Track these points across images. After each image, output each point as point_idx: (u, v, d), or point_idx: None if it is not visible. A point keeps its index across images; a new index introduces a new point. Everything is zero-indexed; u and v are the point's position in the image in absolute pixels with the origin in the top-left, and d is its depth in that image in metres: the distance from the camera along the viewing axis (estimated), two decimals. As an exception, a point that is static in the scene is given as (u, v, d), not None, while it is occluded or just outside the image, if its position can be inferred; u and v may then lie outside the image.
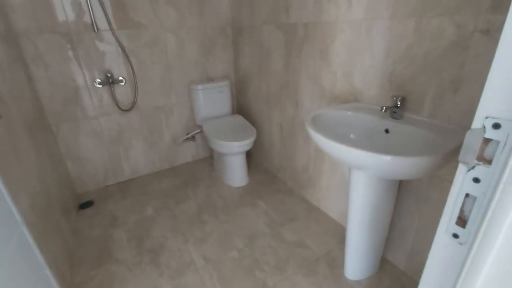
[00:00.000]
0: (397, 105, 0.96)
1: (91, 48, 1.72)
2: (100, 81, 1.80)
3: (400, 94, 1.01)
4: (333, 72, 1.34)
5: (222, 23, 2.12)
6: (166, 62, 2.00)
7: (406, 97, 0.97)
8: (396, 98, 0.95)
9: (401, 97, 0.95)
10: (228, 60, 2.26)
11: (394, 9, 1.00)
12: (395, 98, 0.95)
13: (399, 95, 0.97)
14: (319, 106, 1.48)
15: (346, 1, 1.18)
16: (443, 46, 0.89)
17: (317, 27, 1.36)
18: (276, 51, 1.71)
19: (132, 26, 1.80)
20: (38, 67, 1.61)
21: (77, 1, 1.60)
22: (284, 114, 1.80)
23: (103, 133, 1.92)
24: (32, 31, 1.54)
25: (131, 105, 1.95)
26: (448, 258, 0.45)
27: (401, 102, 0.95)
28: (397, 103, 0.95)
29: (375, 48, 1.11)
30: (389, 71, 1.07)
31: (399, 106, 0.96)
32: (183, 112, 2.19)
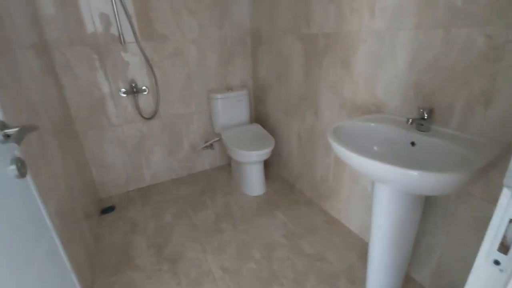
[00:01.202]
0: (424, 117, 0.92)
1: (117, 59, 1.80)
2: (124, 90, 1.88)
3: (426, 106, 0.98)
4: (355, 82, 1.32)
5: (241, 33, 2.15)
6: (187, 72, 2.05)
7: (433, 109, 0.93)
8: (423, 110, 0.91)
9: (428, 109, 0.91)
10: (247, 69, 2.28)
11: (419, 20, 0.98)
12: (422, 110, 0.92)
13: (426, 106, 0.93)
14: (339, 116, 1.46)
15: (369, 12, 1.17)
16: (472, 57, 0.85)
17: (339, 37, 1.35)
18: (296, 61, 1.71)
19: (157, 38, 1.87)
20: (67, 76, 1.70)
21: (106, 14, 1.69)
22: (303, 123, 1.79)
23: (126, 140, 1.99)
24: (63, 42, 1.63)
25: (153, 114, 2.01)
26: (488, 286, 0.42)
27: (428, 114, 0.92)
28: (423, 115, 0.92)
29: (399, 58, 1.08)
30: (413, 82, 1.04)
31: (426, 118, 0.92)
32: (202, 121, 2.23)
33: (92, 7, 1.64)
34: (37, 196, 0.73)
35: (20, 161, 0.60)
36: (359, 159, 0.80)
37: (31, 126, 0.58)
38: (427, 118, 0.92)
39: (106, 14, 1.69)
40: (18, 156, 0.60)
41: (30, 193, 0.70)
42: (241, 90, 2.14)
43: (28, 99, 1.08)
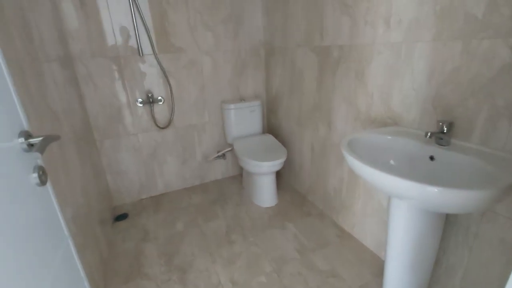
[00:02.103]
0: (443, 131, 0.89)
1: (135, 70, 1.87)
2: (141, 100, 1.93)
3: (446, 119, 0.95)
4: (369, 94, 1.30)
5: (255, 45, 2.19)
6: (201, 82, 2.09)
7: (453, 123, 0.90)
8: (443, 123, 0.89)
9: (448, 123, 0.89)
10: (260, 80, 2.31)
11: (437, 32, 0.96)
12: (441, 124, 0.89)
13: (445, 120, 0.90)
14: (353, 128, 1.44)
15: (384, 24, 1.16)
16: (495, 69, 0.83)
17: (353, 49, 1.35)
18: (309, 72, 1.72)
19: (173, 50, 1.93)
20: (88, 87, 1.77)
21: (126, 28, 1.76)
22: (316, 134, 1.77)
23: (141, 149, 2.03)
24: (86, 54, 1.71)
25: (168, 123, 2.05)
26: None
27: (448, 127, 0.89)
28: (443, 129, 0.89)
29: (416, 71, 1.06)
30: (432, 95, 1.02)
31: (445, 132, 0.89)
32: (215, 131, 2.25)
33: (114, 22, 1.72)
34: (55, 203, 0.75)
35: (42, 169, 0.62)
36: (374, 173, 0.78)
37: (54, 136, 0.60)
38: (447, 132, 0.89)
39: (126, 28, 1.76)
40: (40, 164, 0.62)
41: (49, 200, 0.72)
42: (254, 100, 2.15)
43: (51, 108, 1.13)
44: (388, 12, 1.14)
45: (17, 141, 0.59)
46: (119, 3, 1.71)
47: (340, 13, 1.38)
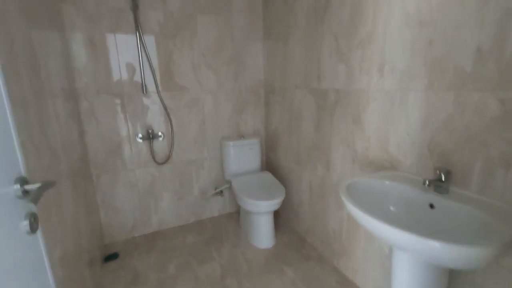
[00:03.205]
0: (441, 179, 0.89)
1: (138, 107, 1.91)
2: (141, 135, 1.95)
3: (443, 166, 0.96)
4: (366, 137, 1.33)
5: (255, 84, 2.28)
6: (202, 119, 2.14)
7: (450, 170, 0.91)
8: (440, 171, 0.89)
9: (445, 170, 0.89)
10: (259, 118, 2.36)
11: (429, 82, 1.01)
12: (439, 172, 0.89)
13: (442, 167, 0.91)
14: (351, 170, 1.44)
15: (378, 72, 1.23)
16: (487, 120, 0.85)
17: (349, 94, 1.40)
18: (307, 113, 1.76)
19: (176, 89, 2.00)
20: (90, 122, 1.80)
21: (132, 67, 1.84)
22: (314, 174, 1.77)
23: (137, 184, 2.00)
24: (91, 91, 1.77)
25: (166, 159, 2.05)
26: None
27: (445, 175, 0.89)
28: (441, 177, 0.89)
29: (411, 117, 1.09)
30: (427, 141, 1.04)
31: (443, 180, 0.89)
32: (213, 167, 2.25)
33: (121, 60, 1.81)
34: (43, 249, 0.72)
35: (34, 216, 0.60)
36: (375, 223, 0.76)
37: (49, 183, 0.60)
38: (445, 180, 0.89)
39: (132, 67, 1.85)
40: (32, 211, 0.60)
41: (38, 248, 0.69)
42: (253, 138, 2.18)
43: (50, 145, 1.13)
44: (381, 61, 1.20)
45: (13, 188, 0.58)
46: (128, 44, 1.81)
47: (336, 60, 1.46)
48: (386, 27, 1.16)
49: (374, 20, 1.21)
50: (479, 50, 0.85)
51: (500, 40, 0.80)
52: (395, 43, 1.13)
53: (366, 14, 1.25)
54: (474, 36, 0.86)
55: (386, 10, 1.15)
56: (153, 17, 1.85)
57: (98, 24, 1.71)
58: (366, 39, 1.27)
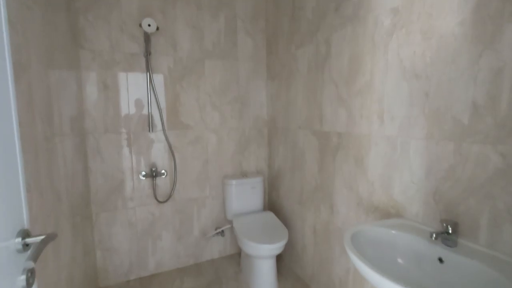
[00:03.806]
0: (449, 231, 0.87)
1: (143, 145, 1.95)
2: (144, 173, 1.96)
3: (450, 218, 0.94)
4: (370, 182, 1.32)
5: (259, 124, 2.34)
6: (205, 157, 2.16)
7: (457, 222, 0.89)
8: (447, 224, 0.87)
9: (452, 223, 0.87)
10: (262, 157, 2.38)
11: (429, 131, 1.04)
12: (446, 224, 0.87)
13: (449, 219, 0.89)
14: (356, 214, 1.41)
15: (378, 119, 1.26)
16: (490, 172, 0.86)
17: (351, 137, 1.43)
18: (310, 154, 1.78)
19: (181, 127, 2.06)
20: (95, 160, 1.82)
21: (140, 107, 1.92)
22: (318, 216, 1.73)
23: (136, 223, 1.96)
24: (99, 130, 1.82)
25: (168, 197, 2.03)
26: None
27: (452, 227, 0.87)
28: (448, 229, 0.87)
29: (414, 165, 1.10)
30: (432, 190, 1.03)
31: (450, 232, 0.87)
32: (215, 206, 2.21)
33: (130, 102, 1.89)
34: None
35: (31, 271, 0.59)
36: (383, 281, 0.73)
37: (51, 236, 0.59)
38: (452, 233, 0.87)
39: (140, 107, 1.92)
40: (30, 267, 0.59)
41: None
42: (256, 177, 2.17)
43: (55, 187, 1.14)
44: (380, 109, 1.25)
45: (14, 241, 0.57)
46: (138, 87, 1.90)
47: (337, 105, 1.52)
48: (383, 79, 1.22)
49: (371, 72, 1.28)
50: (475, 104, 0.89)
51: (494, 97, 0.84)
52: (393, 93, 1.18)
53: (364, 66, 1.32)
54: (469, 91, 0.90)
55: (383, 63, 1.22)
56: (164, 62, 1.97)
57: (112, 68, 1.82)
58: (365, 88, 1.33)
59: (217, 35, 2.12)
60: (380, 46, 1.23)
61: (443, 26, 0.97)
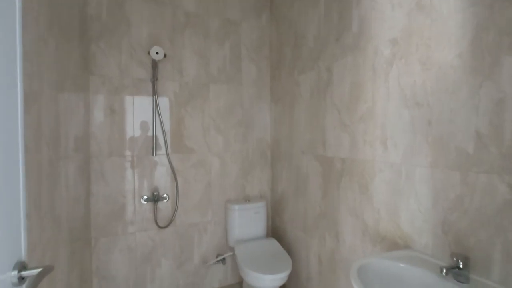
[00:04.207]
0: (459, 266, 0.83)
1: (145, 169, 1.95)
2: (146, 197, 1.94)
3: (460, 251, 0.90)
4: (376, 209, 1.29)
5: (262, 147, 2.34)
6: (208, 181, 2.14)
7: (469, 257, 0.85)
8: (457, 258, 0.84)
9: (463, 257, 0.83)
10: (266, 181, 2.36)
11: (434, 160, 1.03)
12: (456, 259, 0.84)
13: (459, 253, 0.86)
14: (362, 243, 1.36)
15: (382, 145, 1.26)
16: (498, 203, 0.83)
17: (355, 163, 1.42)
18: (314, 179, 1.76)
19: (185, 151, 2.07)
20: (98, 184, 1.82)
21: (145, 131, 1.94)
22: (323, 245, 1.67)
23: (136, 250, 1.92)
24: (103, 153, 1.83)
25: (169, 222, 1.99)
26: None
27: (463, 262, 0.83)
28: (459, 264, 0.83)
29: (420, 193, 1.08)
30: (440, 220, 1.00)
31: (462, 267, 0.83)
32: (216, 231, 2.16)
33: (135, 126, 1.92)
34: None
35: (24, 307, 0.57)
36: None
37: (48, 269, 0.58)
38: (464, 268, 0.83)
39: (145, 131, 1.95)
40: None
41: None
42: (259, 201, 2.14)
43: (56, 214, 1.13)
44: (383, 135, 1.25)
45: (10, 274, 0.56)
46: (144, 111, 1.94)
47: (340, 130, 1.52)
48: (385, 106, 1.24)
49: (373, 99, 1.30)
50: (478, 133, 0.89)
51: (497, 126, 0.84)
52: (395, 120, 1.18)
53: (365, 93, 1.35)
54: (471, 121, 0.90)
55: (384, 91, 1.24)
56: (170, 87, 2.02)
57: (120, 93, 1.87)
58: (367, 114, 1.34)
59: (222, 62, 2.19)
60: (381, 75, 1.26)
61: (441, 58, 1.00)
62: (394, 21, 1.19)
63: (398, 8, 1.17)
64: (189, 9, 2.08)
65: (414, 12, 1.10)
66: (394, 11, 1.19)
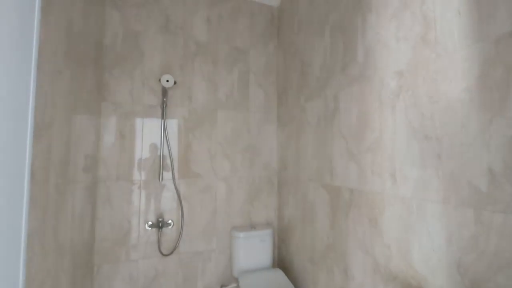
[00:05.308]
0: (480, 316, 0.77)
1: (151, 194, 1.95)
2: (151, 223, 1.92)
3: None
4: (386, 245, 1.23)
5: (269, 174, 2.32)
6: (213, 207, 2.12)
7: (489, 305, 0.79)
8: (476, 307, 0.77)
9: (482, 306, 0.77)
10: (272, 208, 2.31)
11: (445, 196, 0.99)
12: (475, 308, 0.77)
13: (478, 300, 0.79)
14: (373, 283, 1.29)
15: (391, 177, 1.22)
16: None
17: (363, 195, 1.38)
18: (321, 208, 1.71)
19: (191, 176, 2.07)
20: (104, 208, 1.82)
21: (153, 156, 1.96)
22: (332, 279, 1.59)
23: (138, 278, 1.87)
24: (111, 178, 1.85)
25: (172, 249, 1.95)
26: None
27: (483, 311, 0.77)
28: (478, 313, 0.77)
29: (432, 231, 1.03)
30: (456, 261, 0.94)
31: (482, 317, 0.76)
32: (221, 260, 2.10)
33: (144, 152, 1.94)
34: None
35: None
36: None
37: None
38: (484, 318, 0.76)
39: (153, 156, 1.97)
40: None
41: None
42: (265, 229, 2.09)
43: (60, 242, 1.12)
44: (392, 167, 1.22)
45: (3, 318, 0.55)
46: (152, 136, 1.98)
47: (347, 159, 1.50)
48: (392, 136, 1.22)
49: (380, 129, 1.28)
50: (491, 171, 0.85)
51: (511, 165, 0.80)
52: (404, 152, 1.16)
53: (372, 123, 1.33)
54: (483, 157, 0.87)
55: (391, 121, 1.23)
56: (179, 113, 2.07)
57: (130, 119, 1.92)
58: (375, 144, 1.32)
59: (230, 87, 2.24)
60: (388, 106, 1.25)
61: (449, 91, 0.99)
62: (399, 53, 1.20)
63: (403, 41, 1.19)
64: (201, 39, 2.17)
65: (419, 45, 1.11)
66: (399, 43, 1.20)
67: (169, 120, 2.03)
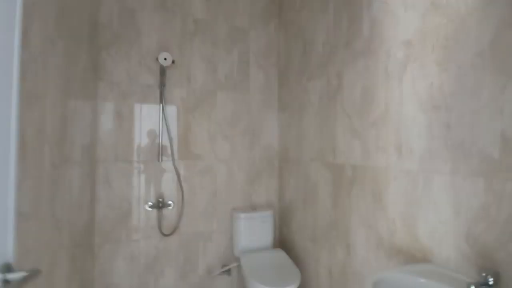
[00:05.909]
0: (488, 283, 0.75)
1: (151, 175, 1.92)
2: (151, 204, 1.90)
3: (488, 266, 0.82)
4: (391, 220, 1.21)
5: (270, 154, 2.29)
6: (213, 188, 2.10)
7: (499, 272, 0.77)
8: (486, 274, 0.75)
9: (493, 272, 0.75)
10: (273, 189, 2.29)
11: (454, 166, 0.96)
12: (485, 274, 0.75)
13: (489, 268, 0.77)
14: (376, 257, 1.28)
15: (396, 151, 1.19)
16: (531, 213, 0.76)
17: (367, 170, 1.35)
18: (323, 188, 1.69)
19: (191, 157, 2.04)
20: (104, 189, 1.79)
21: (152, 136, 1.93)
22: (334, 257, 1.58)
23: (139, 257, 1.86)
24: (109, 159, 1.82)
25: (173, 230, 1.94)
26: None
27: (494, 278, 0.75)
28: (488, 280, 0.75)
29: (439, 202, 1.00)
30: (464, 232, 0.92)
31: (491, 284, 0.75)
32: (222, 240, 2.10)
33: (142, 131, 1.90)
34: None
35: (9, 314, 0.52)
36: None
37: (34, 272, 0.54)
38: (494, 285, 0.75)
39: (152, 136, 1.93)
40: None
41: None
42: (266, 210, 2.07)
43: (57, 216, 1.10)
44: (397, 141, 1.18)
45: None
46: (151, 117, 1.93)
47: (351, 137, 1.46)
48: (399, 110, 1.18)
49: (386, 103, 1.24)
50: (504, 137, 0.82)
51: (527, 129, 0.77)
52: (411, 125, 1.12)
53: (378, 97, 1.29)
54: (496, 123, 0.84)
55: (398, 94, 1.18)
56: (177, 94, 2.02)
57: (128, 99, 1.87)
58: (380, 119, 1.28)
59: (230, 68, 2.19)
60: (394, 78, 1.21)
61: (460, 58, 0.94)
62: (408, 22, 1.15)
63: (411, 9, 1.13)
64: (198, 16, 2.10)
65: (429, 12, 1.06)
66: (407, 12, 1.15)
67: (167, 101, 1.98)
